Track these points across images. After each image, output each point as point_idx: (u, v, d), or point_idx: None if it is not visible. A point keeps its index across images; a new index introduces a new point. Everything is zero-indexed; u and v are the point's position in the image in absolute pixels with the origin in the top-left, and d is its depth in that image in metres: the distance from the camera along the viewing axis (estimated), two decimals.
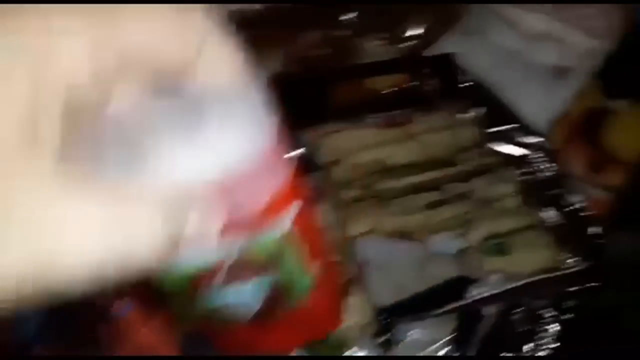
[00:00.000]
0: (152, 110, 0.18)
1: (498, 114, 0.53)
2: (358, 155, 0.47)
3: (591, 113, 0.59)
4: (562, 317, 0.47)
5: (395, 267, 0.43)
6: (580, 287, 0.48)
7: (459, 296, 0.43)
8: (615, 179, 0.58)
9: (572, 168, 0.54)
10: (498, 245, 0.45)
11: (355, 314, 0.45)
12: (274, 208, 0.25)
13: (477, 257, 0.44)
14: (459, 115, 0.51)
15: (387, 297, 0.42)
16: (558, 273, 0.46)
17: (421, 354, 0.44)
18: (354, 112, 0.48)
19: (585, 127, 0.58)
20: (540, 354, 0.47)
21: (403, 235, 0.45)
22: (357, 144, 0.47)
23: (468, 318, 0.44)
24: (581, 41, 0.59)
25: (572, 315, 0.48)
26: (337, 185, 0.46)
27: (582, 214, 0.50)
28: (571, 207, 0.50)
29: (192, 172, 0.18)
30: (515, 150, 0.52)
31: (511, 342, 0.46)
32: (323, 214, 0.47)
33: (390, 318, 0.41)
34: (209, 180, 0.19)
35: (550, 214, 0.49)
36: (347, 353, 0.45)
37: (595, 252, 0.49)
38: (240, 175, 0.19)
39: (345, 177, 0.47)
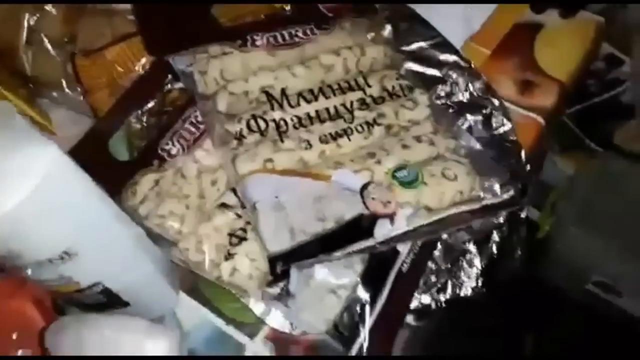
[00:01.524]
0: None
1: (411, 30, 0.47)
2: (245, 83, 0.41)
3: (518, 28, 0.54)
4: (485, 253, 0.43)
5: (291, 208, 0.37)
6: (504, 218, 0.44)
7: (366, 236, 0.37)
8: (545, 100, 0.53)
9: (497, 89, 0.48)
10: (409, 175, 0.39)
11: (251, 263, 0.40)
12: None
13: (385, 191, 0.39)
14: (366, 34, 0.45)
15: (283, 242, 0.36)
16: (477, 205, 0.41)
17: (328, 301, 0.39)
18: (238, 32, 0.42)
19: (511, 44, 0.53)
20: (462, 293, 0.43)
21: (299, 171, 0.39)
22: (243, 70, 0.41)
23: (378, 258, 0.39)
24: None
25: (496, 251, 0.44)
26: (224, 119, 0.40)
27: (507, 138, 0.46)
28: (495, 132, 0.46)
29: None
30: (431, 71, 0.46)
31: (429, 281, 0.42)
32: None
33: (286, 265, 0.36)
34: None
35: (469, 139, 0.44)
36: (248, 303, 0.40)
37: (521, 179, 0.44)
38: None
39: (231, 108, 0.40)
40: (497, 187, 0.42)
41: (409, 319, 0.42)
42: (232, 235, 0.40)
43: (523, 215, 0.48)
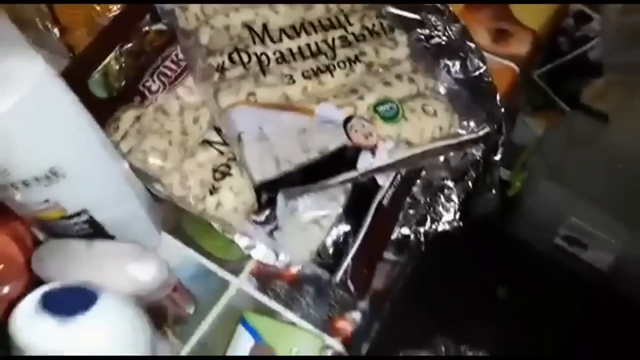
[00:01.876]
0: None
1: None
2: (227, 18, 0.41)
3: None
4: (462, 189, 0.45)
5: (276, 139, 0.38)
6: (479, 156, 0.45)
7: (349, 167, 0.38)
8: (520, 48, 0.55)
9: (475, 36, 0.49)
10: (390, 110, 0.40)
11: (235, 197, 0.40)
12: None
13: (367, 124, 0.39)
14: None
15: (268, 171, 0.37)
16: (455, 140, 0.42)
17: (312, 231, 0.40)
18: None
19: None
20: (440, 228, 0.44)
21: (283, 105, 0.39)
22: (224, 6, 0.41)
23: (360, 191, 0.40)
24: None
25: (472, 187, 0.45)
26: (205, 53, 0.40)
27: (483, 80, 0.47)
28: (472, 74, 0.47)
29: None
30: (410, 14, 0.47)
31: (409, 215, 0.43)
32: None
33: (271, 193, 0.36)
34: None
35: (447, 80, 0.45)
36: (232, 237, 0.41)
37: (496, 119, 0.46)
38: None
39: (213, 42, 0.40)
40: (473, 124, 0.43)
41: (389, 254, 0.43)
42: (215, 170, 0.41)
43: (497, 157, 0.49)
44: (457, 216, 0.43)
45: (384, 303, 0.45)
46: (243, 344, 0.38)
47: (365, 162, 0.39)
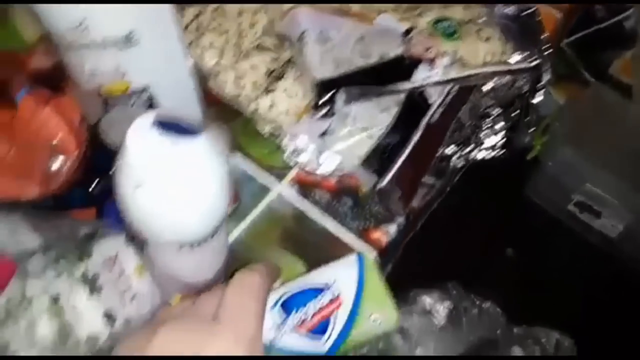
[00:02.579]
0: None
1: None
2: None
3: None
4: (506, 119, 0.46)
5: (336, 42, 0.38)
6: (526, 89, 0.46)
7: (405, 77, 0.39)
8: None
9: None
10: (449, 28, 0.41)
11: (288, 99, 0.41)
12: None
13: (427, 38, 0.40)
14: None
15: (328, 70, 0.37)
16: (505, 67, 0.43)
17: (362, 138, 0.40)
18: None
19: None
20: (479, 156, 0.45)
21: (343, 12, 0.40)
22: None
23: (411, 106, 0.41)
24: None
25: (516, 118, 0.46)
26: None
27: (533, 18, 0.48)
28: (523, 12, 0.47)
29: None
30: None
31: (454, 136, 0.44)
32: None
33: (330, 92, 0.37)
34: None
35: (501, 12, 0.45)
36: (281, 141, 0.41)
37: (543, 54, 0.46)
38: None
39: None
40: (523, 56, 0.44)
41: (427, 176, 0.44)
42: (270, 73, 0.41)
43: (536, 100, 0.50)
44: (499, 144, 0.44)
45: (417, 222, 0.46)
46: None
47: (421, 75, 0.39)
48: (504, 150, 0.45)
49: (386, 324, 0.34)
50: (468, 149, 0.43)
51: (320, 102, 0.37)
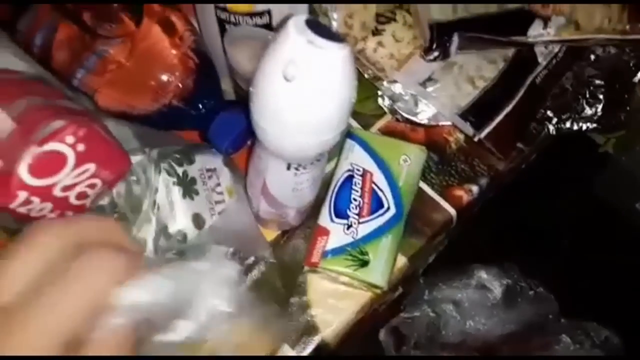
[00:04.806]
0: None
1: None
2: None
3: None
4: (609, 90, 0.45)
5: None
6: (633, 63, 0.45)
7: (520, 31, 0.39)
8: None
9: None
10: None
11: (395, 43, 0.41)
12: None
13: None
14: None
15: (445, 12, 0.37)
16: (619, 36, 0.42)
17: (466, 88, 0.40)
18: None
19: None
20: (575, 126, 0.44)
21: None
22: None
23: (519, 62, 0.41)
24: None
25: (620, 90, 0.45)
26: None
27: None
28: None
29: None
30: None
31: (556, 101, 0.43)
32: None
33: (445, 35, 0.37)
34: None
35: None
36: (380, 86, 0.42)
37: None
38: None
39: None
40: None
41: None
42: (379, 15, 0.41)
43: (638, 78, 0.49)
44: (596, 117, 0.43)
45: (499, 187, 0.46)
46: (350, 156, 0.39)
47: (535, 31, 0.39)
48: (598, 125, 0.44)
49: (416, 158, 0.38)
50: (565, 117, 0.43)
51: (434, 45, 0.37)
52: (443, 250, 0.54)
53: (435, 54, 0.37)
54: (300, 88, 0.24)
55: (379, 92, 0.42)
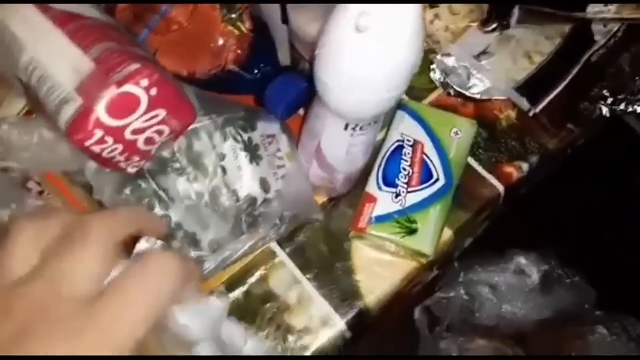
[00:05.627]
0: None
1: None
2: None
3: None
4: None
5: None
6: None
7: (579, 7, 0.38)
8: None
9: None
10: None
11: (452, 16, 0.41)
12: None
13: None
14: None
15: None
16: None
17: (522, 63, 0.40)
18: None
19: None
20: (630, 108, 0.44)
21: None
22: None
23: (576, 38, 0.40)
24: None
25: None
26: None
27: None
28: None
29: None
30: None
31: (609, 82, 0.42)
32: None
33: (506, 7, 0.37)
34: None
35: None
36: (434, 59, 0.42)
37: None
38: None
39: None
40: None
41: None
42: None
43: None
44: None
45: (549, 167, 0.45)
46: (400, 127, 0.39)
47: (595, 8, 0.38)
48: None
49: (467, 131, 0.39)
50: (621, 97, 0.42)
51: (493, 16, 0.37)
52: (479, 235, 0.54)
53: (494, 25, 0.37)
54: (371, 40, 0.24)
55: (432, 67, 0.42)
